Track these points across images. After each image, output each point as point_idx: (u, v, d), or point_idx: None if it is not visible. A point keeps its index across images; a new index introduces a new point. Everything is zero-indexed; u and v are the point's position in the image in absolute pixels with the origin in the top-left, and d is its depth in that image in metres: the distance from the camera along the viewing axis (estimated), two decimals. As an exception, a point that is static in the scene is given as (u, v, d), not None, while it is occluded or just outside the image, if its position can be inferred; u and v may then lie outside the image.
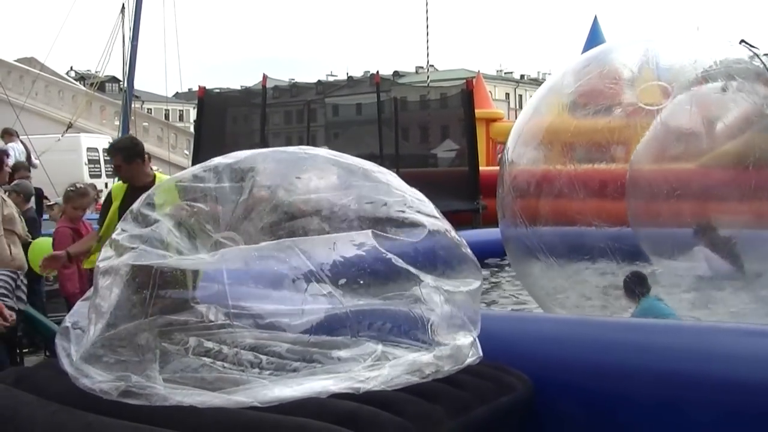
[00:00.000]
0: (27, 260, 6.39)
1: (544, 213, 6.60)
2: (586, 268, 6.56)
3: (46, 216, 9.89)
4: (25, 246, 7.01)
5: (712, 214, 6.30)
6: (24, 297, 6.16)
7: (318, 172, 3.76)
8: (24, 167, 9.96)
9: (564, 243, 6.51)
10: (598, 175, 6.65)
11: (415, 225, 3.44)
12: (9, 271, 5.94)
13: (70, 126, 17.80)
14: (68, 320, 3.57)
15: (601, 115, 6.58)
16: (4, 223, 6.06)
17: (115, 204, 5.54)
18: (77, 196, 7.54)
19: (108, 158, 22.18)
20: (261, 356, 3.17)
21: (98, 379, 3.12)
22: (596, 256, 6.44)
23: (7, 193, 6.87)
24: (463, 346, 3.36)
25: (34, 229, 7.72)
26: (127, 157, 5.61)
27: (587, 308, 6.41)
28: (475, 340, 3.44)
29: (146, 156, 5.80)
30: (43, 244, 7.17)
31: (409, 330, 3.26)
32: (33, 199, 9.82)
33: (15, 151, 12.61)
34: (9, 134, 12.86)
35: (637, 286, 5.99)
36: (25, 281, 6.23)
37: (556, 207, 6.57)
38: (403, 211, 3.49)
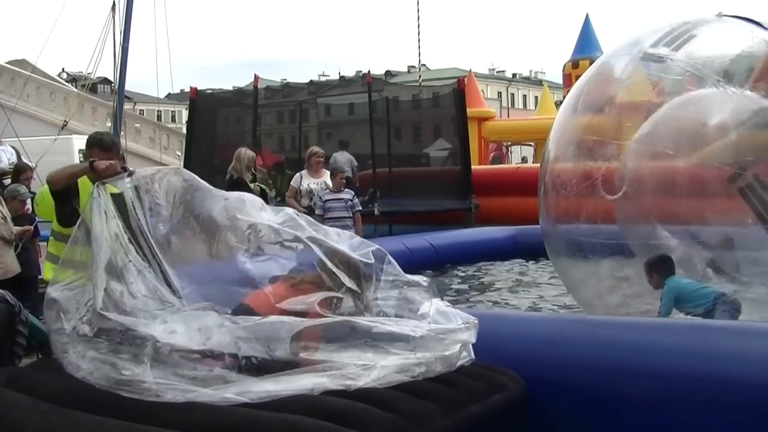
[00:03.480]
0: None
1: (586, 211, 6.48)
2: (626, 266, 6.39)
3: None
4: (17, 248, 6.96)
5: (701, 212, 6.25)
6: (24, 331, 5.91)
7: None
8: (29, 168, 9.88)
9: (605, 241, 6.35)
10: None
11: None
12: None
13: (65, 125, 17.67)
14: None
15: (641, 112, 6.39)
16: None
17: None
18: None
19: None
20: (254, 361, 3.16)
21: (90, 370, 3.13)
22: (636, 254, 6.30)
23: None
24: (455, 349, 3.36)
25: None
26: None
27: (621, 305, 6.31)
28: (466, 343, 3.44)
29: None
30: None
31: (401, 334, 3.26)
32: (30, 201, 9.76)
33: (6, 153, 12.55)
34: None
35: (654, 269, 5.80)
36: (27, 316, 5.98)
37: (597, 205, 6.42)
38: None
